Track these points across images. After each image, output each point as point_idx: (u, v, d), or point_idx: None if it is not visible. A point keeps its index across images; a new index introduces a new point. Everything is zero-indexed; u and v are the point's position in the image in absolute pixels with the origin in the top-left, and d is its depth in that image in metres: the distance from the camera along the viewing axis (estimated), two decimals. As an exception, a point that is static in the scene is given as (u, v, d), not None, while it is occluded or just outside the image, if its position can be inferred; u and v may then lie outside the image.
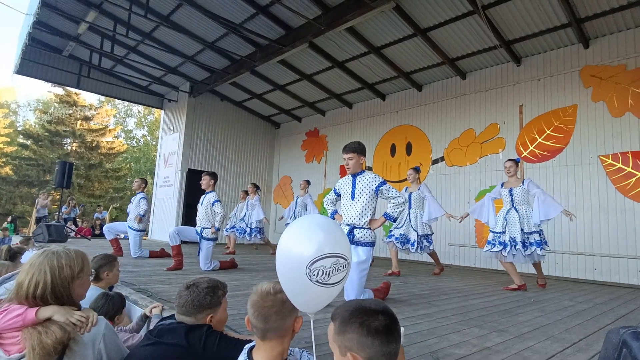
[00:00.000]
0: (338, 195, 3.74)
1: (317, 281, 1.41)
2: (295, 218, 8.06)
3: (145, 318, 2.42)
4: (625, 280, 5.91)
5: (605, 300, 4.40)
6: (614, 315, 3.56)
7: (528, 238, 4.88)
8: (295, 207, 8.18)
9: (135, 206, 6.69)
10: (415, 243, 5.86)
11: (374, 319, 1.03)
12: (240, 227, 8.56)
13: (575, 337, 2.67)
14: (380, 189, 3.43)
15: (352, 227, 3.46)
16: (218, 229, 5.55)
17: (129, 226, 6.68)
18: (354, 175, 3.56)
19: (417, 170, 6.23)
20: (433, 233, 6.17)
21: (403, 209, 3.51)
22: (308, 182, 8.44)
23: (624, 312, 3.76)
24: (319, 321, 2.74)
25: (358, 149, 3.51)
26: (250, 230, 8.31)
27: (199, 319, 1.76)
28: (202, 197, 5.67)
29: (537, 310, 3.60)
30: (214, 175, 5.68)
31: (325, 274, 1.41)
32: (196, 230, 5.54)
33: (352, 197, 3.51)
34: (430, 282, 5.36)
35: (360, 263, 3.34)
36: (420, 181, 6.28)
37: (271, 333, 1.41)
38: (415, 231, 5.92)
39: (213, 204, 5.48)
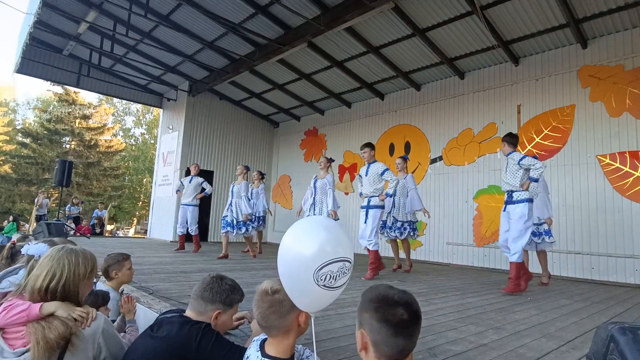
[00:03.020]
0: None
1: (324, 285, 1.42)
2: (251, 210, 7.35)
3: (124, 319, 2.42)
4: (622, 280, 5.96)
5: (602, 299, 4.44)
6: (610, 314, 3.60)
7: (538, 228, 5.34)
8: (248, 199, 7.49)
9: (196, 186, 7.58)
10: (396, 229, 6.09)
11: (391, 309, 1.08)
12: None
13: (570, 335, 2.70)
14: (521, 163, 4.37)
15: (511, 192, 4.49)
16: (390, 196, 5.41)
17: (187, 204, 7.55)
18: (507, 155, 4.63)
19: (405, 159, 6.53)
20: (417, 220, 6.40)
21: (543, 171, 4.29)
22: (261, 173, 8.35)
23: (620, 311, 3.80)
24: (319, 319, 2.77)
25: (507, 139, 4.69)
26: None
27: (208, 310, 1.76)
28: (365, 169, 5.48)
29: (534, 309, 3.64)
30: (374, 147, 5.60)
31: (332, 278, 1.43)
32: (361, 206, 5.48)
33: (506, 171, 4.61)
34: (428, 280, 5.40)
35: (520, 219, 4.32)
36: (407, 171, 6.50)
37: (274, 330, 1.46)
38: (394, 217, 6.15)
39: (384, 173, 5.28)
